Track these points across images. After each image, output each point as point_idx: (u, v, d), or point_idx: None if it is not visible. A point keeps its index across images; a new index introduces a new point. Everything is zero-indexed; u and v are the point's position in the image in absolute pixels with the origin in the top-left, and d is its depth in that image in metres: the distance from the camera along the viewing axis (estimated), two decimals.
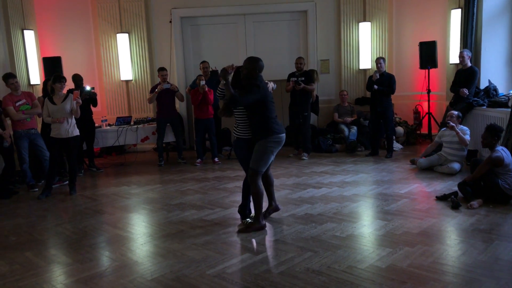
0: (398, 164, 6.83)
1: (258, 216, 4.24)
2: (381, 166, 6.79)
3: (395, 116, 8.47)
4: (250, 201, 4.50)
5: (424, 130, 8.62)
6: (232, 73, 4.28)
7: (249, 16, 8.97)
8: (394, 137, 7.77)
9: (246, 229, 4.22)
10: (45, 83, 6.88)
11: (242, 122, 4.28)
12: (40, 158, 6.37)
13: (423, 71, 8.36)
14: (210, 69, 7.88)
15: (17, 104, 6.16)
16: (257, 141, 4.18)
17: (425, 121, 8.52)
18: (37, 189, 6.21)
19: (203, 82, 7.13)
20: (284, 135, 4.24)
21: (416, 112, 8.79)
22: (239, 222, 4.50)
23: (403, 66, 9.06)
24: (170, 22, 8.80)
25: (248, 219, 4.36)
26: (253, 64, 4.18)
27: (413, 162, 6.70)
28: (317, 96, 8.03)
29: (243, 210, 4.52)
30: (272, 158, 4.27)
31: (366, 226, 4.25)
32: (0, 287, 3.32)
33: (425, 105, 8.47)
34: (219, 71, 4.33)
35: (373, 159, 7.30)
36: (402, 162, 6.94)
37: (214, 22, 9.01)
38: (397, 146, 7.96)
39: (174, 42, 8.84)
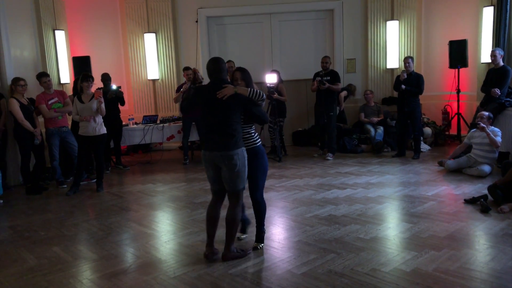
0: (426, 166, 6.68)
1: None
2: (408, 167, 6.66)
3: (423, 116, 8.29)
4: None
5: (453, 131, 8.41)
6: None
7: (275, 15, 8.95)
8: (421, 138, 7.61)
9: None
10: (75, 82, 7.04)
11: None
12: (71, 155, 6.52)
13: (452, 70, 8.16)
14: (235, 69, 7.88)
15: (50, 102, 6.34)
16: None
17: (454, 122, 8.32)
18: (65, 186, 6.36)
19: None
20: (203, 152, 3.56)
21: (445, 113, 8.59)
22: None
23: (432, 65, 8.88)
24: (197, 21, 8.87)
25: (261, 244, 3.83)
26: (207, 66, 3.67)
27: (441, 163, 6.54)
28: (343, 109, 8.07)
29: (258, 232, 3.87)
30: (209, 174, 3.61)
31: (391, 229, 4.18)
32: (28, 280, 3.41)
33: (454, 105, 8.26)
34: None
35: (399, 160, 7.17)
36: (430, 164, 6.79)
37: (240, 21, 9.03)
38: (424, 147, 7.80)
39: (200, 42, 8.91)
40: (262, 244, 3.82)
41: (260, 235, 3.83)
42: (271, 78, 7.47)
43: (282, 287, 3.10)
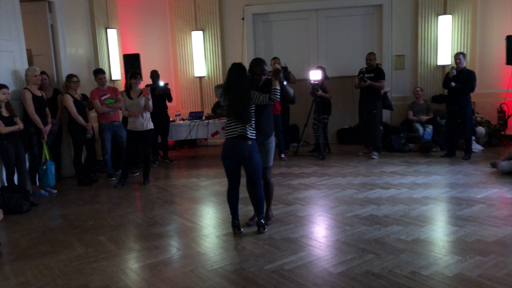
0: (477, 167, 6.38)
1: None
2: (457, 168, 6.38)
3: (476, 115, 7.92)
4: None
5: (510, 131, 7.97)
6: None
7: (321, 12, 8.85)
8: (473, 137, 7.26)
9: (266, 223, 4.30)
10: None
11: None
12: (122, 149, 6.77)
13: (510, 67, 7.71)
14: (280, 66, 7.87)
15: (103, 98, 6.64)
16: (265, 139, 4.22)
17: (510, 121, 7.87)
18: (114, 178, 6.64)
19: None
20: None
21: (501, 111, 8.14)
22: (301, 219, 4.49)
23: (488, 61, 8.43)
24: (243, 19, 8.94)
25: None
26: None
27: (494, 165, 6.21)
28: (385, 92, 7.68)
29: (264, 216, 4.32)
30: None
31: (435, 231, 4.03)
32: (75, 267, 3.60)
33: (511, 103, 7.81)
34: (275, 73, 4.08)
35: (448, 161, 6.89)
36: (481, 165, 6.47)
37: (285, 18, 9.01)
38: (476, 147, 7.43)
39: (246, 39, 8.97)
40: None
41: None
42: (315, 75, 7.41)
43: (317, 286, 3.08)
